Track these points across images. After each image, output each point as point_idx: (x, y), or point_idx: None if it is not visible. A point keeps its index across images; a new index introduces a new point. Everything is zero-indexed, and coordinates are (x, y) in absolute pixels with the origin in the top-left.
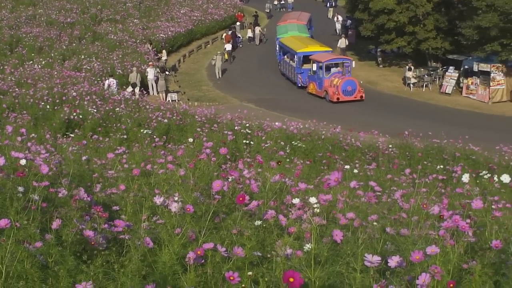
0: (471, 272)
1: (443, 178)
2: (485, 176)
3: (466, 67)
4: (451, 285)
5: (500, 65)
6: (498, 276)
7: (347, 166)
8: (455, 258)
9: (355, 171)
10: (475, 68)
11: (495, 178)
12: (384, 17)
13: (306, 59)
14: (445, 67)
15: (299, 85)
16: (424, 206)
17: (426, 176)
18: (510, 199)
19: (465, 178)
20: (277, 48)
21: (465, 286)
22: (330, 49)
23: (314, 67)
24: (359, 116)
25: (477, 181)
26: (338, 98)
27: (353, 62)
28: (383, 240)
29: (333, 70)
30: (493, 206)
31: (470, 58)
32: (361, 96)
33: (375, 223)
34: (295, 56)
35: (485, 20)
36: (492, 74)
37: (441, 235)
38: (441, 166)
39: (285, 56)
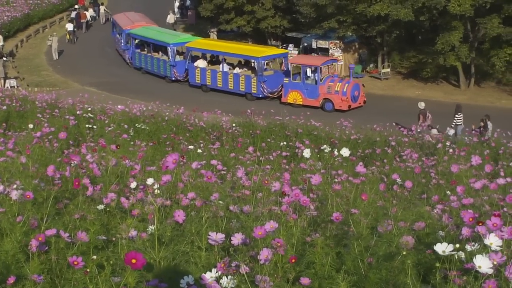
0: (314, 245)
1: (286, 155)
2: (326, 150)
3: (305, 44)
4: (293, 260)
5: (337, 41)
6: (339, 247)
7: (191, 147)
8: (298, 232)
9: (199, 151)
10: (314, 45)
11: (336, 152)
12: None
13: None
14: (285, 45)
15: (261, 95)
16: (266, 182)
17: (270, 153)
18: (352, 172)
19: (306, 153)
20: (172, 57)
21: (309, 258)
22: (288, 51)
23: (309, 72)
24: (199, 96)
25: (318, 156)
26: (349, 106)
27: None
28: (228, 218)
29: (317, 74)
30: (336, 180)
31: (309, 35)
32: (364, 101)
33: (220, 202)
34: (256, 63)
35: None
36: (330, 51)
37: (284, 210)
38: (285, 143)
39: (198, 63)
